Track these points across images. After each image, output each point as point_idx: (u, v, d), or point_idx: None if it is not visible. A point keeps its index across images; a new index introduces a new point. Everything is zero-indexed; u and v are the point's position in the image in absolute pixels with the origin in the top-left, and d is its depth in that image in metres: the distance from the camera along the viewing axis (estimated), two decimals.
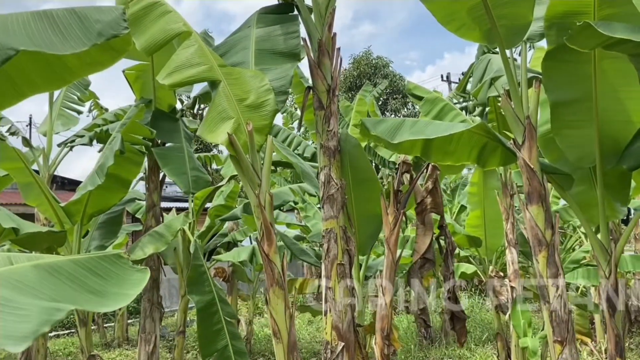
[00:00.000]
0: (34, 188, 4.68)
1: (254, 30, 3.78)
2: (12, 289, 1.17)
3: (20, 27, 1.49)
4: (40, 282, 1.29)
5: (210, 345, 4.31)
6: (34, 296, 1.19)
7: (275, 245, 3.23)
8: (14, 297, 1.14)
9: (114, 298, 1.43)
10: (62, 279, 1.37)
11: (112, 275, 1.55)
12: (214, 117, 3.22)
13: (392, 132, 3.40)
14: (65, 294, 1.31)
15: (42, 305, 1.14)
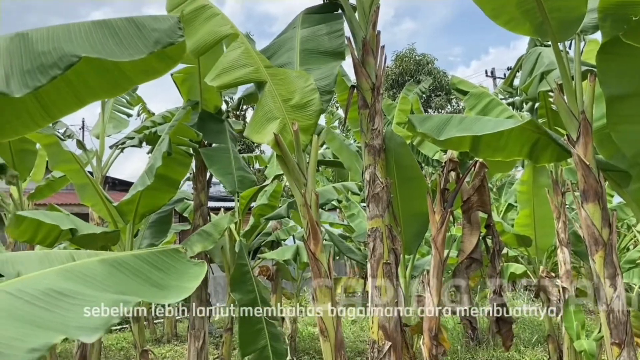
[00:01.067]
0: (89, 189, 4.88)
1: (298, 30, 3.81)
2: (82, 282, 1.24)
3: (82, 35, 1.56)
4: (107, 276, 1.35)
5: (250, 345, 4.38)
6: (102, 289, 1.25)
7: (322, 244, 3.25)
8: (85, 290, 1.20)
9: (175, 291, 1.48)
10: (126, 272, 1.43)
11: (172, 269, 1.60)
12: (260, 117, 3.27)
13: (439, 129, 3.35)
14: (131, 287, 1.36)
15: (110, 297, 1.20)
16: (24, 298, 1.11)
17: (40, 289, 1.16)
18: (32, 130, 1.81)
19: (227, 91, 5.90)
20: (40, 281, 1.21)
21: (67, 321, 1.05)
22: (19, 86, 1.45)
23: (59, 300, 1.14)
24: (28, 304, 1.09)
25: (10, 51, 1.53)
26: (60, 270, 1.33)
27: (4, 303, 1.08)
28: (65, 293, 1.17)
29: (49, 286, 1.18)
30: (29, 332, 0.94)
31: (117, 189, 15.54)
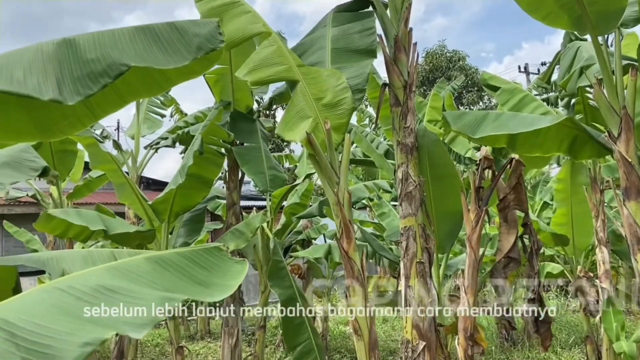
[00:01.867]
0: (126, 188, 5.00)
1: (329, 29, 3.81)
2: (129, 280, 1.27)
3: (128, 42, 1.60)
4: (153, 273, 1.38)
5: (294, 338, 4.41)
6: (149, 286, 1.28)
7: (355, 243, 3.24)
8: (132, 287, 1.23)
9: (219, 288, 1.51)
10: (171, 270, 1.46)
11: (214, 266, 1.63)
12: (292, 116, 3.29)
13: (474, 126, 3.30)
14: (176, 285, 1.39)
15: (157, 294, 1.23)
16: (74, 294, 1.15)
17: (90, 285, 1.20)
18: (78, 130, 1.87)
19: (258, 91, 5.95)
20: (90, 278, 1.25)
21: (115, 318, 1.08)
22: (71, 94, 1.49)
23: (107, 297, 1.17)
24: (79, 300, 1.13)
25: (60, 58, 1.58)
26: (108, 267, 1.37)
27: (57, 299, 1.12)
28: (114, 290, 1.21)
29: (98, 283, 1.22)
30: (81, 327, 0.97)
31: (152, 188, 15.86)
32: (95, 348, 0.89)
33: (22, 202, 11.66)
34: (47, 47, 1.62)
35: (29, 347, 0.88)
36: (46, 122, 1.87)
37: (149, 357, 8.97)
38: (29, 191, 8.05)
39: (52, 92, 1.47)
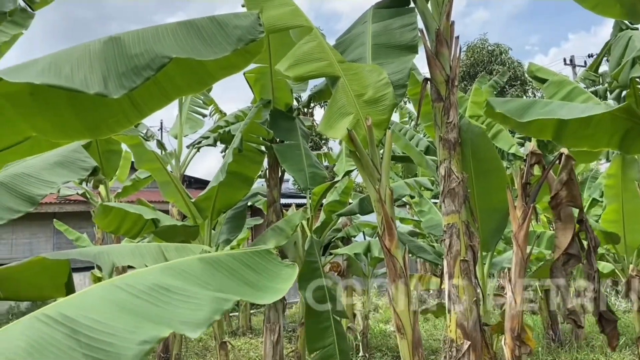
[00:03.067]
0: (171, 186, 5.12)
1: (369, 25, 3.77)
2: (183, 279, 1.29)
3: (170, 36, 1.63)
4: (206, 274, 1.40)
5: (316, 341, 4.42)
6: (202, 287, 1.30)
7: (397, 240, 3.20)
8: (187, 287, 1.25)
9: (269, 291, 1.51)
10: (223, 272, 1.48)
11: (265, 269, 1.64)
12: (333, 113, 3.27)
13: (521, 111, 3.18)
14: (229, 286, 1.41)
15: (211, 295, 1.24)
16: (132, 292, 1.18)
17: (147, 284, 1.23)
18: (125, 127, 1.92)
19: (297, 88, 5.96)
20: (146, 277, 1.27)
21: (172, 316, 1.10)
22: (115, 88, 1.53)
23: (164, 296, 1.19)
24: (136, 297, 1.15)
25: (106, 55, 1.62)
26: (163, 267, 1.40)
27: (115, 296, 1.15)
28: (170, 289, 1.23)
29: (154, 282, 1.24)
30: (139, 324, 0.99)
31: (194, 187, 16.19)
32: (153, 346, 0.90)
33: (72, 201, 12.13)
34: (94, 45, 1.67)
35: (90, 343, 0.90)
36: (94, 121, 1.93)
37: (193, 352, 9.17)
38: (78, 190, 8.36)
39: (98, 87, 1.51)
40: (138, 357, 0.86)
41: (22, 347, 0.88)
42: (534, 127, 3.24)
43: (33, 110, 1.89)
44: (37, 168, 2.37)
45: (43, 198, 2.25)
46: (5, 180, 2.25)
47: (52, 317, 0.98)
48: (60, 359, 0.85)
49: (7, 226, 12.45)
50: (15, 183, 2.25)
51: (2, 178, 2.26)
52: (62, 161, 2.44)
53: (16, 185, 2.25)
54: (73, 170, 2.41)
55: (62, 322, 0.96)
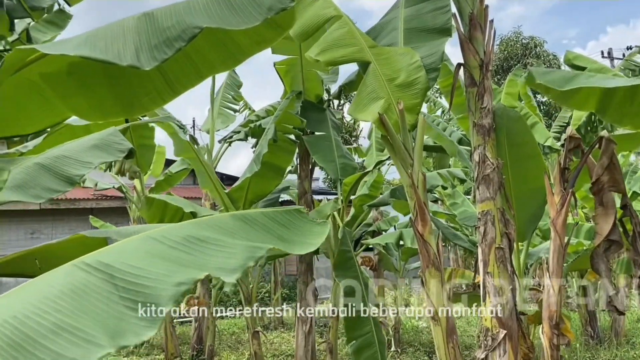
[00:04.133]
0: (205, 175, 5.20)
1: (402, 10, 3.72)
2: (217, 232, 1.31)
3: (201, 9, 1.64)
4: (239, 228, 1.42)
5: (354, 330, 4.39)
6: (235, 238, 1.31)
7: (430, 226, 3.15)
8: (221, 238, 1.26)
9: (300, 245, 1.53)
10: (255, 227, 1.49)
11: (296, 226, 1.65)
12: (364, 97, 3.24)
13: (564, 81, 3.06)
14: (260, 239, 1.41)
15: (244, 244, 1.25)
16: (167, 243, 1.21)
17: (181, 235, 1.26)
18: (158, 105, 1.94)
19: (327, 79, 5.95)
20: (180, 230, 1.30)
21: (207, 262, 1.12)
22: (148, 60, 1.55)
23: (198, 245, 1.22)
24: (171, 248, 1.18)
25: (139, 29, 1.65)
26: (196, 221, 1.42)
27: (151, 246, 1.17)
28: (204, 239, 1.25)
29: (188, 233, 1.27)
30: (175, 269, 1.01)
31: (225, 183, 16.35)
32: (189, 287, 0.91)
33: (108, 197, 12.46)
34: (128, 21, 1.70)
35: (127, 287, 0.92)
36: (129, 99, 1.96)
37: (226, 345, 9.28)
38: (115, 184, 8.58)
39: (130, 59, 1.53)
40: (175, 297, 0.87)
41: (62, 291, 0.90)
42: (577, 97, 3.11)
43: (71, 90, 1.93)
44: (75, 150, 2.43)
45: (81, 178, 2.30)
46: (45, 162, 2.31)
47: (91, 265, 1.01)
48: (98, 301, 0.87)
49: (48, 222, 12.91)
50: (55, 165, 2.31)
51: (43, 160, 2.32)
52: (99, 144, 2.50)
53: (56, 167, 2.30)
54: (109, 152, 2.46)
55: (100, 268, 0.99)
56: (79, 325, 0.79)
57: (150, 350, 8.90)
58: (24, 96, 1.90)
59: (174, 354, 7.56)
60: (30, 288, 0.97)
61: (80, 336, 0.76)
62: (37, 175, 2.27)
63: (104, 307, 0.85)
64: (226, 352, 8.61)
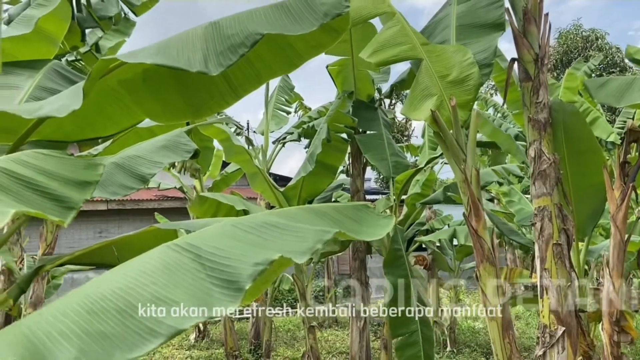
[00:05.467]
0: (259, 177, 5.39)
1: (454, 7, 3.75)
2: (289, 219, 1.44)
3: (262, 17, 1.78)
4: (309, 218, 1.55)
5: (400, 327, 4.42)
6: (305, 225, 1.43)
7: (484, 221, 3.17)
8: (292, 224, 1.39)
9: (368, 234, 1.65)
10: (324, 218, 1.62)
11: (363, 219, 1.77)
12: (416, 95, 3.30)
13: (618, 95, 3.02)
14: (329, 226, 1.52)
15: (314, 229, 1.37)
16: (244, 229, 1.34)
17: (257, 222, 1.39)
18: (223, 108, 2.09)
19: (379, 79, 6.01)
20: (256, 218, 1.44)
21: (281, 245, 1.24)
22: (214, 66, 1.69)
23: (272, 231, 1.35)
24: (248, 233, 1.31)
25: (206, 37, 1.80)
26: (269, 212, 1.55)
27: (230, 231, 1.32)
28: (277, 226, 1.38)
29: (263, 221, 1.40)
30: (252, 251, 1.13)
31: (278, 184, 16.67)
32: (265, 267, 1.02)
33: (169, 197, 13.02)
34: (196, 30, 1.85)
35: (212, 266, 1.05)
36: (197, 103, 2.12)
37: (282, 341, 9.50)
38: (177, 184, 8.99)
39: (199, 65, 1.67)
40: (253, 275, 0.99)
41: (158, 268, 1.04)
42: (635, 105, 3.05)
43: (145, 95, 2.12)
44: (146, 151, 2.63)
45: (152, 177, 2.50)
46: (120, 162, 2.52)
47: (181, 246, 1.15)
48: (187, 277, 1.00)
49: (114, 221, 13.64)
50: (129, 164, 2.52)
51: (118, 160, 2.53)
52: (168, 145, 2.69)
53: (130, 166, 2.51)
54: (177, 152, 2.64)
55: (189, 249, 1.12)
56: (173, 297, 0.92)
57: (211, 344, 9.24)
58: (105, 101, 2.10)
59: (233, 349, 7.83)
60: (130, 265, 1.12)
61: (177, 304, 0.89)
62: (113, 174, 2.48)
63: (193, 282, 0.98)
64: (282, 348, 8.82)
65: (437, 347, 8.43)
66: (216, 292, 0.95)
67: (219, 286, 0.97)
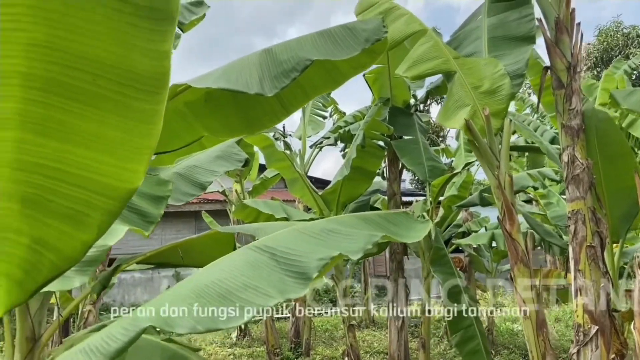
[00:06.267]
0: (298, 182, 5.65)
1: (485, 19, 3.90)
2: (342, 225, 1.68)
3: (310, 44, 2.01)
4: (358, 223, 1.78)
5: (457, 323, 4.57)
6: (357, 229, 1.66)
7: (518, 224, 3.31)
8: (346, 229, 1.64)
9: (407, 236, 1.88)
10: (370, 223, 1.85)
11: (402, 224, 1.99)
12: (450, 105, 3.48)
13: None
14: (375, 231, 1.76)
15: (363, 233, 1.60)
16: (308, 234, 1.60)
17: (318, 228, 1.64)
18: (274, 124, 2.35)
19: (415, 85, 6.18)
20: (317, 225, 1.69)
21: (338, 246, 1.47)
22: (270, 88, 1.94)
23: (330, 235, 1.59)
24: (311, 237, 1.56)
25: (261, 62, 2.05)
26: (327, 219, 1.80)
27: (297, 236, 1.57)
28: (334, 231, 1.63)
29: (322, 227, 1.65)
30: (316, 250, 1.37)
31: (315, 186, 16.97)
32: (327, 262, 1.26)
33: (210, 201, 13.48)
34: (252, 57, 2.11)
35: (284, 262, 1.30)
36: (251, 119, 2.38)
37: (321, 340, 9.74)
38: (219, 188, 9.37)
39: (256, 88, 1.92)
40: (317, 268, 1.22)
41: (243, 264, 1.29)
42: None
43: (206, 114, 2.39)
44: (203, 161, 2.92)
45: (210, 184, 2.79)
46: (182, 172, 2.82)
47: (259, 247, 1.40)
48: (266, 271, 1.25)
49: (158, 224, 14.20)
50: (189, 173, 2.81)
51: (180, 170, 2.83)
52: (222, 155, 2.98)
53: (190, 175, 2.80)
54: (230, 161, 2.92)
55: (265, 250, 1.37)
56: (258, 285, 1.16)
57: (252, 342, 9.57)
58: (172, 120, 2.38)
59: (274, 346, 8.12)
60: (220, 263, 1.37)
61: (260, 292, 1.13)
62: (176, 183, 2.77)
63: (271, 274, 1.22)
64: (321, 347, 9.05)
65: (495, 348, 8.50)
66: (289, 281, 1.19)
67: (291, 277, 1.21)
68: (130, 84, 0.91)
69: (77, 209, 1.00)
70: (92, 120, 0.92)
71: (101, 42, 0.87)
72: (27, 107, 0.89)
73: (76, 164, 0.96)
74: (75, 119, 0.91)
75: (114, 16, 0.86)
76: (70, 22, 0.88)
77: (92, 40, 0.87)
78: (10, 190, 0.96)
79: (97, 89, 0.90)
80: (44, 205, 0.98)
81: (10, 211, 0.98)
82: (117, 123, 0.94)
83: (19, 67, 0.86)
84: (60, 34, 0.87)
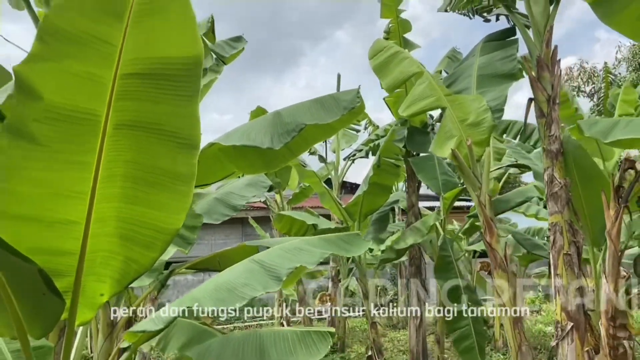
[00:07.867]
0: (327, 195, 6.41)
1: (477, 58, 4.53)
2: (308, 245, 2.43)
3: (306, 110, 2.76)
4: (319, 244, 2.51)
5: (453, 323, 5.17)
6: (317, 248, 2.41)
7: (497, 236, 3.94)
8: (309, 248, 2.38)
9: (351, 252, 2.59)
10: (329, 243, 2.58)
11: (354, 242, 2.70)
12: (441, 136, 4.14)
13: (605, 133, 3.66)
14: (329, 248, 2.49)
15: (319, 251, 2.34)
16: (284, 250, 2.35)
17: (291, 247, 2.39)
18: (285, 164, 3.12)
19: None
20: (292, 244, 2.44)
21: (301, 260, 2.20)
22: (278, 143, 2.71)
23: (297, 251, 2.33)
24: (286, 253, 2.31)
25: (272, 123, 2.82)
26: (299, 240, 2.55)
27: (279, 252, 2.32)
28: (300, 248, 2.37)
29: (294, 246, 2.40)
30: (287, 262, 2.12)
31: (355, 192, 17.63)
32: (292, 271, 2.01)
33: (255, 207, 14.48)
34: (266, 118, 2.89)
35: (269, 269, 2.05)
36: (269, 161, 3.17)
37: (357, 339, 10.45)
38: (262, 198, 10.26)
39: (268, 143, 2.69)
40: (285, 274, 1.97)
41: (244, 270, 2.06)
42: (622, 143, 3.67)
43: (236, 157, 3.19)
44: (237, 187, 3.75)
45: (242, 207, 3.60)
46: (220, 197, 3.65)
47: (254, 260, 2.17)
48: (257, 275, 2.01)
49: (209, 229, 15.39)
50: (226, 198, 3.63)
51: (218, 195, 3.66)
52: (251, 182, 3.79)
53: (226, 200, 3.63)
54: (257, 188, 3.73)
55: (257, 261, 2.14)
56: (252, 284, 1.92)
57: None
58: (209, 161, 3.20)
59: None
60: (232, 269, 2.14)
61: (251, 287, 1.90)
62: (215, 206, 3.59)
63: (260, 277, 1.98)
64: (356, 345, 9.76)
65: (505, 348, 8.91)
66: (270, 281, 1.95)
67: (271, 278, 1.97)
68: (176, 178, 1.70)
69: (149, 241, 1.79)
70: (158, 195, 1.72)
71: (163, 161, 1.68)
72: (124, 191, 1.71)
73: (149, 217, 1.75)
74: (149, 195, 1.71)
75: (168, 144, 1.65)
76: None
77: (158, 160, 1.67)
78: (114, 231, 1.77)
79: (160, 180, 1.70)
80: (131, 239, 1.79)
81: (113, 243, 1.79)
82: (169, 196, 1.73)
83: (118, 171, 1.69)
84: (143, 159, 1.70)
